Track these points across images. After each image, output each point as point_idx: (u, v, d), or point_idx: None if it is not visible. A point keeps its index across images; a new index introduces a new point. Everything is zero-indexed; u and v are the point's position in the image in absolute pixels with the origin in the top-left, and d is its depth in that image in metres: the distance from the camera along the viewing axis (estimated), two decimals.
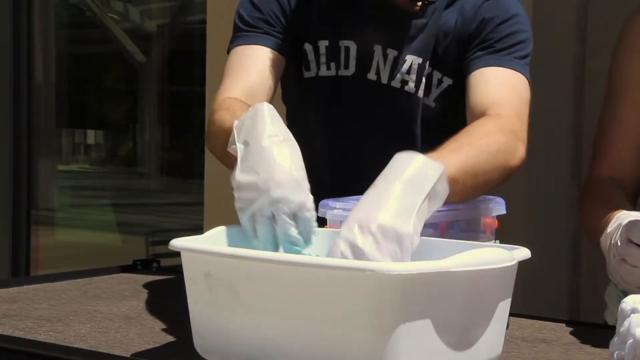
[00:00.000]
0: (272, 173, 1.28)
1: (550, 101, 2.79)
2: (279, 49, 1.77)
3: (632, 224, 1.46)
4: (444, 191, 1.29)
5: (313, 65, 1.81)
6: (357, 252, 1.19)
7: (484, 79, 1.69)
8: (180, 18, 6.12)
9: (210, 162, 3.41)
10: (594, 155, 1.84)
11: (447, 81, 1.79)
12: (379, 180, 1.26)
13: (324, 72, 1.81)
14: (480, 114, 1.62)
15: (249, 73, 1.74)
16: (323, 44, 1.80)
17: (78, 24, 6.42)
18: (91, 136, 6.82)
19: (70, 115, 6.39)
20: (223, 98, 1.68)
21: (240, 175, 1.30)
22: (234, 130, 1.35)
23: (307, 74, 1.82)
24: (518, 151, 1.58)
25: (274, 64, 1.76)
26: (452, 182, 1.33)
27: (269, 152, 1.29)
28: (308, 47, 1.81)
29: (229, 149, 1.36)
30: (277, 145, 1.30)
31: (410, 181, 1.25)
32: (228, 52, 1.80)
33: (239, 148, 1.33)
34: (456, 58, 1.75)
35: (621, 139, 1.79)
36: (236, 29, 1.80)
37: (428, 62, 1.77)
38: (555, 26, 2.82)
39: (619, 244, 1.47)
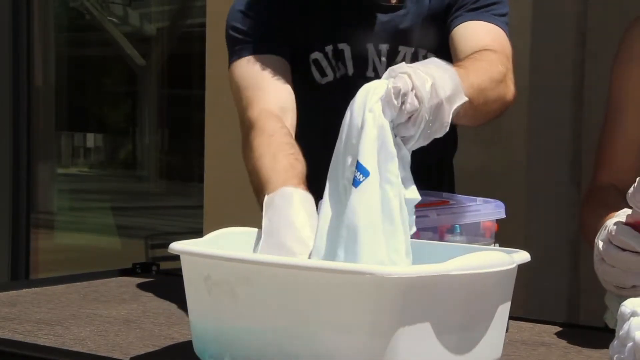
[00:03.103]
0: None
1: (550, 104, 2.79)
2: (285, 56, 1.76)
3: (616, 226, 1.47)
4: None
5: (329, 70, 1.82)
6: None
7: (468, 30, 1.73)
8: (180, 21, 6.12)
9: (210, 165, 3.41)
10: (595, 165, 1.84)
11: (431, 56, 1.80)
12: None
13: (339, 75, 1.82)
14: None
15: (275, 86, 1.71)
16: (329, 49, 1.81)
17: (77, 27, 6.42)
18: (90, 139, 6.82)
19: (69, 119, 6.39)
20: (259, 109, 1.65)
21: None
22: (264, 206, 1.38)
23: (325, 80, 1.82)
24: (511, 88, 1.60)
25: (288, 72, 1.75)
26: (468, 101, 1.32)
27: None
28: (318, 55, 1.81)
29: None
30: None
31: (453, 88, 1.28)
32: (232, 63, 1.75)
33: (265, 224, 1.36)
34: (437, 32, 1.78)
35: (623, 149, 1.80)
36: (235, 42, 1.76)
37: (418, 47, 1.80)
38: (555, 30, 2.82)
39: (601, 243, 1.48)
